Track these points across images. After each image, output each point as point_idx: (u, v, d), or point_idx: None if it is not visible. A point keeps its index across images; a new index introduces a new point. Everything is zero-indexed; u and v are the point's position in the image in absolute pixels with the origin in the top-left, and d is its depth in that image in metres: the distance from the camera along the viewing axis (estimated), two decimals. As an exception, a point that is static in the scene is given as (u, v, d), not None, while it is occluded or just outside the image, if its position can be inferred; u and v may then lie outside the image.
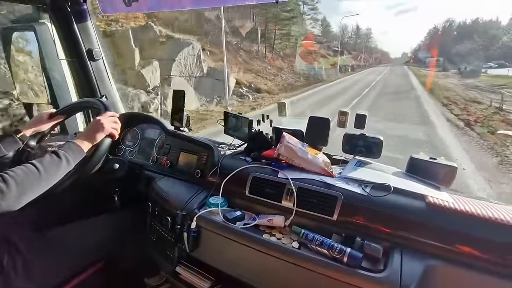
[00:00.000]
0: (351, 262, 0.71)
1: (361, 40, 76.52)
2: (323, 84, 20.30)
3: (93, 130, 0.92)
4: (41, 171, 0.72)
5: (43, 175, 0.72)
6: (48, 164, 0.74)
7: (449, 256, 0.70)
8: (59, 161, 0.77)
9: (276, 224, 0.89)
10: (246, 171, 1.01)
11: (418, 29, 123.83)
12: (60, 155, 0.78)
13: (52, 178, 0.75)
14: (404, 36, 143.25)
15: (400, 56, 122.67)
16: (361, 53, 64.26)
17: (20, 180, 0.68)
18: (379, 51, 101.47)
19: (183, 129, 1.30)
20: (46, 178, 0.73)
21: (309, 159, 0.98)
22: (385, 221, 0.78)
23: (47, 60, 1.48)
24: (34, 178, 0.70)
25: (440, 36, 73.86)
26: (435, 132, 6.81)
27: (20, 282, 0.83)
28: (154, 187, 1.13)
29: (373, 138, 1.00)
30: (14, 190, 0.66)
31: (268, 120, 1.21)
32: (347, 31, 69.44)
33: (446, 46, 60.03)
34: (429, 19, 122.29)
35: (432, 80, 22.55)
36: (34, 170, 0.71)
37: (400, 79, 27.02)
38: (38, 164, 0.73)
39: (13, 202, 0.67)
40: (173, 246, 1.01)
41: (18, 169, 0.69)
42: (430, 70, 34.51)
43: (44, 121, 1.07)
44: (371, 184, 0.88)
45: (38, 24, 1.41)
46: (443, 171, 0.89)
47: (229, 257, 0.91)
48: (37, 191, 0.72)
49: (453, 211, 0.73)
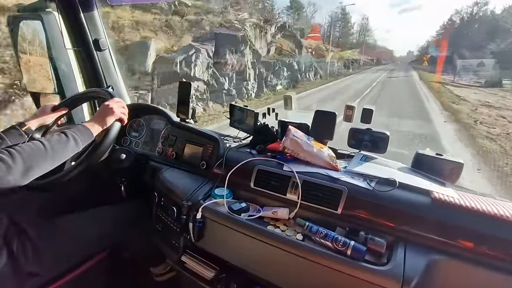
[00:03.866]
0: (355, 255, 0.72)
1: (354, 33, 59.87)
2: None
3: (103, 115, 0.93)
4: (48, 149, 0.73)
5: (49, 152, 0.73)
6: (55, 142, 0.76)
7: (453, 251, 0.71)
8: (66, 140, 0.78)
9: (281, 216, 0.90)
10: (251, 164, 1.01)
11: (424, 27, 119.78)
12: (68, 135, 0.80)
13: (59, 156, 0.76)
14: (409, 34, 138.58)
15: (405, 55, 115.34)
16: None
17: (26, 156, 0.69)
18: (380, 48, 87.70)
19: (189, 120, 1.31)
20: (53, 156, 0.74)
21: (314, 152, 0.98)
22: (389, 215, 0.79)
23: (54, 50, 1.48)
24: (41, 154, 0.71)
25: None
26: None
27: (30, 267, 0.85)
28: (159, 177, 1.14)
29: (379, 133, 1.00)
30: (21, 165, 0.67)
31: (273, 113, 1.21)
32: (339, 23, 52.49)
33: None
34: (434, 17, 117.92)
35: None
36: (41, 147, 0.72)
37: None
38: (45, 141, 0.74)
39: (19, 177, 0.68)
40: (178, 236, 1.02)
41: (25, 145, 0.71)
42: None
43: (48, 113, 1.08)
44: (377, 178, 0.88)
45: (45, 13, 1.40)
46: (449, 167, 0.88)
47: (234, 247, 0.92)
48: (43, 167, 0.73)
49: (458, 207, 0.74)
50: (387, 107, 9.38)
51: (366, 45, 60.50)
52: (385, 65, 63.29)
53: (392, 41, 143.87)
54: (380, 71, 32.99)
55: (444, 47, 39.89)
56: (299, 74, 16.39)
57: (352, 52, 42.80)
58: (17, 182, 0.68)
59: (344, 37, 52.25)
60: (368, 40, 65.37)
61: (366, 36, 64.45)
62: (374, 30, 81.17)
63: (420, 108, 9.42)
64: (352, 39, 56.15)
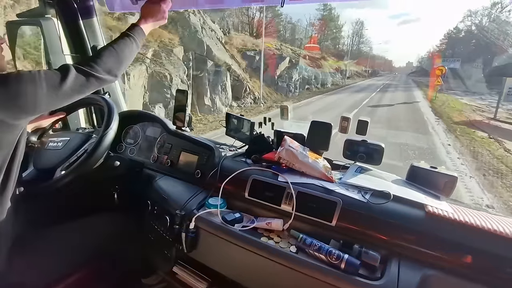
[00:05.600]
0: (349, 269, 0.71)
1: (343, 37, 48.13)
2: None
3: (156, 17, 0.98)
4: (119, 52, 0.87)
5: (120, 54, 0.87)
6: (123, 45, 0.88)
7: (447, 266, 0.70)
8: (130, 43, 0.90)
9: (275, 228, 0.89)
10: (246, 173, 1.01)
11: (424, 38, 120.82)
12: (130, 38, 0.90)
13: (127, 56, 0.90)
14: (409, 45, 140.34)
15: (404, 66, 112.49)
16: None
17: (105, 59, 0.84)
18: (379, 59, 79.26)
19: (185, 128, 1.30)
20: (123, 57, 0.88)
21: (310, 163, 0.98)
22: (383, 228, 0.78)
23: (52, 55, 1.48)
24: (114, 56, 0.86)
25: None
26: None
27: (16, 278, 0.82)
28: (154, 186, 1.13)
29: (374, 144, 1.00)
30: (103, 65, 0.83)
31: (269, 122, 1.21)
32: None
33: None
34: (434, 28, 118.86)
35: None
36: (113, 51, 0.86)
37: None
38: (115, 45, 0.87)
39: (102, 75, 0.83)
40: (170, 246, 1.01)
41: (102, 50, 0.85)
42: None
43: (44, 117, 1.08)
44: (371, 191, 0.88)
45: (44, 19, 1.41)
46: (443, 180, 0.89)
47: (226, 258, 0.91)
48: (118, 67, 0.87)
49: (452, 221, 0.73)
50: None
51: (362, 55, 53.36)
52: (381, 77, 54.69)
53: (391, 52, 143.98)
54: (367, 90, 21.60)
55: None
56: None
57: (349, 62, 38.13)
58: (100, 75, 0.82)
59: (334, 44, 43.66)
60: (363, 48, 56.46)
61: (361, 44, 55.26)
62: (370, 38, 72.75)
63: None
64: (341, 47, 46.69)
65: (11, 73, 0.71)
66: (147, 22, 0.96)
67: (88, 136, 1.20)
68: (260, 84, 9.61)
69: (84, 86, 0.80)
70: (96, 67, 0.81)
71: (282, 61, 15.34)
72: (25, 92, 0.69)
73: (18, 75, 0.70)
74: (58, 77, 0.75)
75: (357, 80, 35.41)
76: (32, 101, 0.71)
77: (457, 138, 7.16)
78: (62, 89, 0.75)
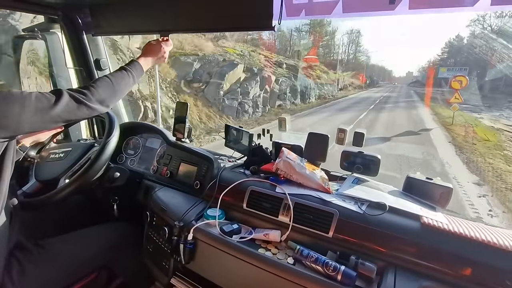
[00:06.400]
0: (345, 281, 0.71)
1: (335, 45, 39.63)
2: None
3: (155, 54, 1.02)
4: (115, 84, 0.88)
5: (116, 86, 0.88)
6: (119, 78, 0.90)
7: (443, 278, 0.70)
8: (128, 77, 0.91)
9: (272, 239, 0.89)
10: (244, 185, 1.02)
11: (423, 48, 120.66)
12: (128, 72, 0.92)
13: (122, 89, 0.91)
14: (408, 55, 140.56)
15: (404, 75, 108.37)
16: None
17: (100, 89, 0.84)
18: (377, 69, 68.16)
19: (185, 140, 1.32)
20: (118, 89, 0.89)
21: (307, 174, 1.00)
22: (380, 240, 0.79)
23: (56, 68, 1.53)
24: (109, 88, 0.87)
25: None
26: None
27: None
28: (153, 197, 1.14)
29: (370, 156, 1.02)
30: (96, 96, 0.83)
31: (268, 134, 1.23)
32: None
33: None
34: (434, 37, 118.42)
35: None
36: (109, 82, 0.87)
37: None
38: (111, 77, 0.88)
39: (95, 105, 0.83)
40: (169, 258, 1.01)
41: (99, 81, 0.86)
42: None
43: (42, 131, 1.09)
44: (367, 202, 0.89)
45: (48, 34, 1.46)
46: (438, 191, 0.90)
47: (224, 270, 0.91)
48: (112, 99, 0.88)
49: (447, 232, 0.74)
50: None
51: (359, 65, 47.09)
52: (379, 87, 46.79)
53: (390, 62, 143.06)
54: (358, 106, 16.63)
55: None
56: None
57: (347, 74, 35.69)
58: (93, 106, 0.82)
59: (324, 53, 36.76)
60: (360, 57, 48.70)
61: (358, 53, 47.70)
62: (367, 48, 66.56)
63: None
64: (335, 56, 39.13)
65: (1, 92, 0.71)
66: (147, 60, 1.00)
67: (90, 145, 1.22)
68: (158, 104, 6.20)
69: (73, 113, 0.80)
70: (90, 96, 0.81)
71: (232, 70, 10.38)
72: (10, 112, 0.69)
73: (8, 95, 0.70)
74: (50, 101, 0.75)
75: (351, 92, 29.50)
76: (15, 122, 0.70)
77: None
78: (50, 113, 0.75)
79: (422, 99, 21.87)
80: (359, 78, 40.44)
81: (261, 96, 11.52)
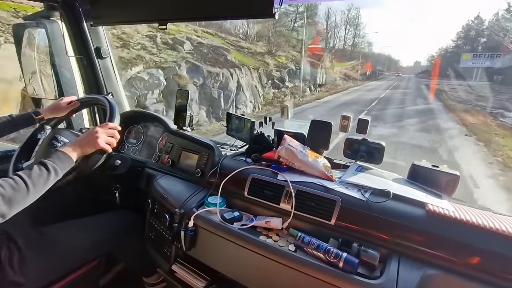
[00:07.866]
0: (347, 268, 0.70)
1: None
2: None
3: (87, 141, 0.87)
4: (30, 186, 0.70)
5: (31, 189, 0.70)
6: (37, 177, 0.72)
7: (448, 266, 0.69)
8: (47, 174, 0.74)
9: (274, 226, 0.88)
10: (245, 172, 1.01)
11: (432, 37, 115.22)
12: (49, 167, 0.75)
13: (40, 190, 0.74)
14: (416, 43, 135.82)
15: (412, 65, 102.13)
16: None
17: (9, 197, 0.67)
18: (383, 57, 61.86)
19: (186, 128, 1.31)
20: (34, 191, 0.72)
21: (309, 162, 0.98)
22: (383, 227, 0.77)
23: (56, 57, 1.51)
24: (23, 193, 0.69)
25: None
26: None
27: (15, 276, 0.83)
28: (154, 185, 1.14)
29: (375, 143, 0.99)
30: (3, 205, 0.66)
31: (270, 122, 1.21)
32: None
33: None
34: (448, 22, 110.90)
35: None
36: (22, 186, 0.69)
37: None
38: (27, 178, 0.71)
39: (2, 214, 0.66)
40: (170, 245, 1.01)
41: (8, 186, 0.68)
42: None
43: (62, 107, 1.10)
44: (371, 189, 0.87)
45: (49, 22, 1.44)
46: (445, 179, 0.87)
47: (225, 257, 0.90)
48: (25, 203, 0.71)
49: (453, 220, 0.72)
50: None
51: (362, 53, 39.57)
52: (382, 80, 39.41)
53: (398, 50, 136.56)
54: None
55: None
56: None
57: (351, 63, 32.40)
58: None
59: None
60: (362, 42, 41.17)
61: (358, 37, 39.73)
62: (369, 33, 55.09)
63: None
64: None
65: None
66: (76, 143, 0.85)
67: None
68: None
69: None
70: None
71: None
72: None
73: None
74: None
75: (336, 89, 20.52)
76: None
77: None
78: None
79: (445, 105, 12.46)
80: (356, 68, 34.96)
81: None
